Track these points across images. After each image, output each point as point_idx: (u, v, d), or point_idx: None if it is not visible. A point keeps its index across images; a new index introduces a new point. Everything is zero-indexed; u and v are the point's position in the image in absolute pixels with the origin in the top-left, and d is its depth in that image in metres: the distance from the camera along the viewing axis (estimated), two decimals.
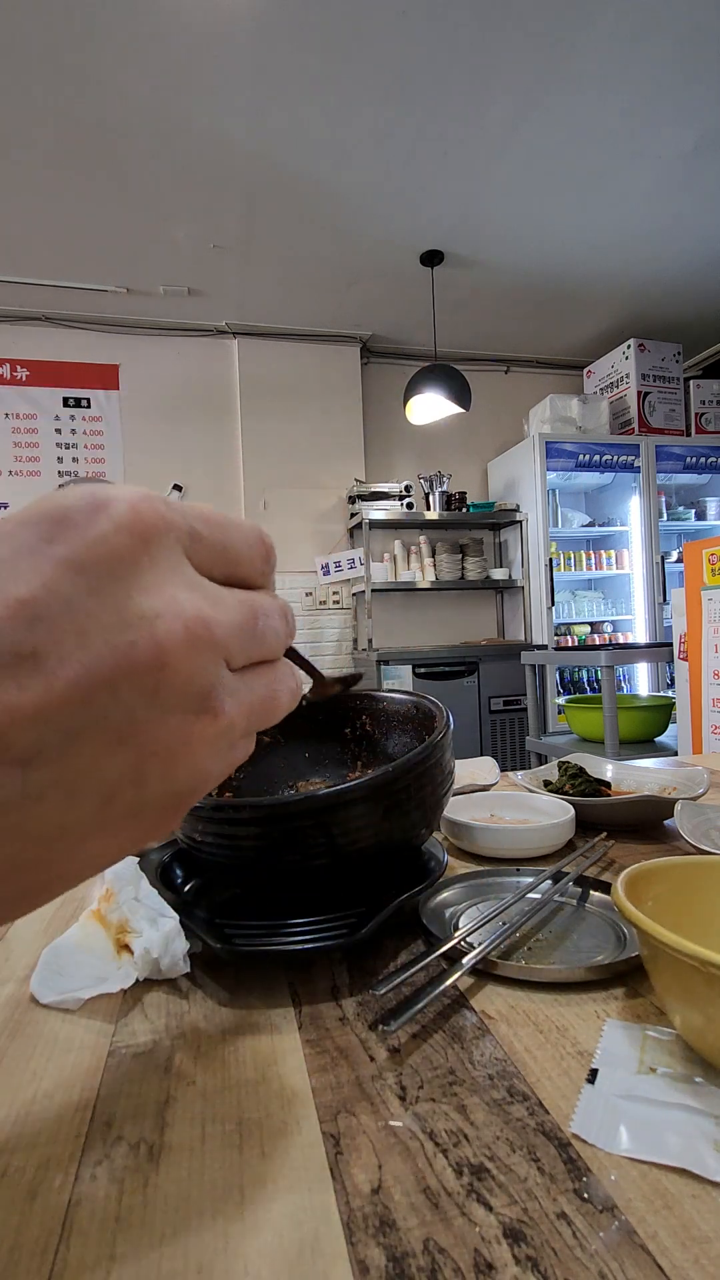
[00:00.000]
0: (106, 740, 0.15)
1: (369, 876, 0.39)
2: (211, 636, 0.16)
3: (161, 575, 0.16)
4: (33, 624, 0.14)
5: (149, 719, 0.15)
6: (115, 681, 0.14)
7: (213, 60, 2.01)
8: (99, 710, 0.14)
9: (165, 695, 0.15)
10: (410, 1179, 0.22)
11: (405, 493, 3.70)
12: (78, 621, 0.14)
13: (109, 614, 0.14)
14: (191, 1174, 0.23)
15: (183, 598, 0.16)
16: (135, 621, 0.15)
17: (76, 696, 0.14)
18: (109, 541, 0.15)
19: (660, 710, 2.07)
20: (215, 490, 3.72)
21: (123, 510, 0.15)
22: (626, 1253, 0.19)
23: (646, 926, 0.26)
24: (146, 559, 0.15)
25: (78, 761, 0.14)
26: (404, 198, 2.68)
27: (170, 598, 0.15)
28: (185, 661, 0.15)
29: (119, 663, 0.14)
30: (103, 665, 0.14)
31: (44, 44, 1.93)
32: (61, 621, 0.14)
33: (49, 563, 0.14)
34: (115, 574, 0.15)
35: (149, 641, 0.15)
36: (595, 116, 2.31)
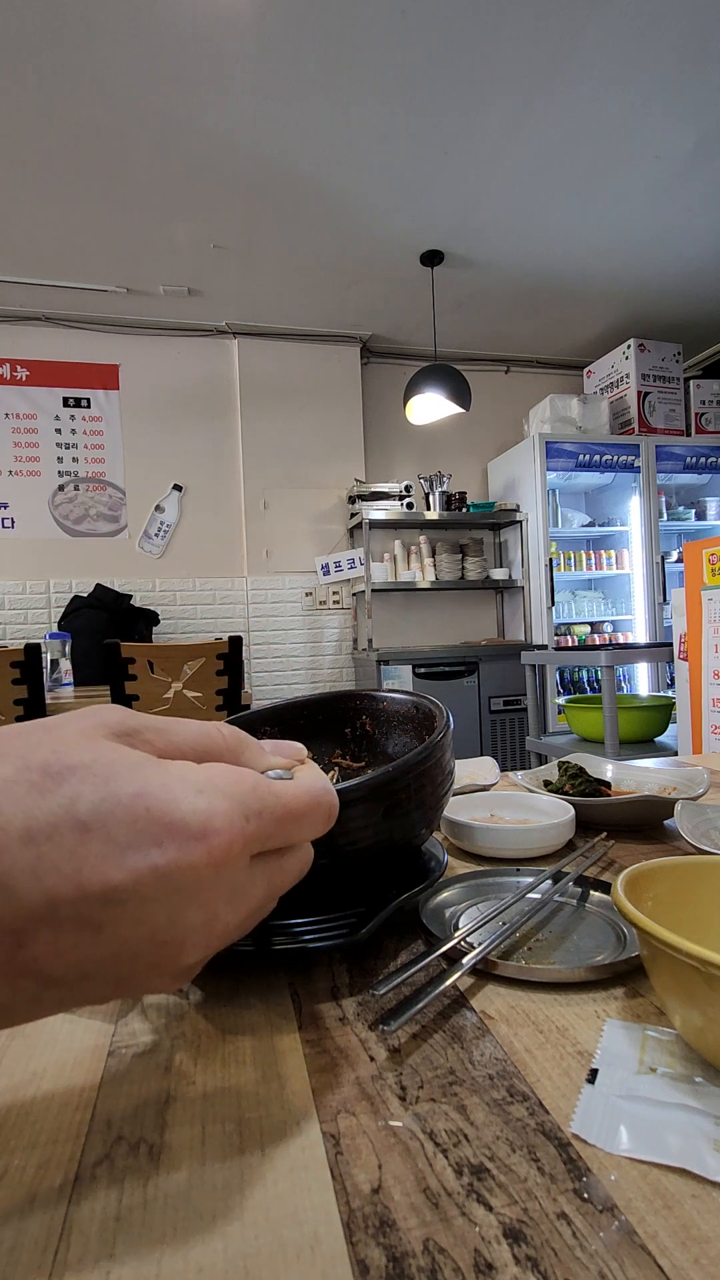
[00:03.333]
0: (107, 982, 0.19)
1: (369, 876, 0.39)
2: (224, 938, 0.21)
3: (214, 894, 0.20)
4: (109, 906, 0.18)
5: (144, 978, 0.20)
6: (140, 957, 0.19)
7: (213, 60, 2.01)
8: (118, 968, 0.19)
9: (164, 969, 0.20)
10: (410, 1179, 0.22)
11: (405, 493, 3.70)
12: (141, 915, 0.18)
13: (164, 917, 0.19)
14: (191, 1174, 0.23)
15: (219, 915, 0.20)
16: (180, 927, 0.19)
17: (109, 961, 0.18)
18: (194, 871, 0.19)
19: (660, 710, 2.07)
20: (215, 490, 3.72)
21: (219, 847, 0.19)
22: (626, 1253, 0.19)
23: (646, 926, 0.26)
24: (213, 883, 0.20)
25: (79, 990, 0.19)
26: (404, 198, 2.68)
27: (211, 915, 0.20)
28: (193, 959, 0.20)
29: (150, 950, 0.19)
30: (139, 948, 0.19)
31: (44, 44, 1.93)
32: (129, 911, 0.18)
33: (147, 865, 0.18)
34: (185, 891, 0.19)
35: (177, 944, 0.19)
36: (595, 116, 2.31)
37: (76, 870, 0.17)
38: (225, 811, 0.20)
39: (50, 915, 0.17)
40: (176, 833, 0.18)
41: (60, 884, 0.17)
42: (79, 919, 0.17)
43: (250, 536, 3.74)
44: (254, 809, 0.21)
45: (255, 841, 0.21)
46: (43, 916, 0.17)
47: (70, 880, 0.17)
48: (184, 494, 3.69)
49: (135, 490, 3.62)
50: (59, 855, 0.17)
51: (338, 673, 3.87)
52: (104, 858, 0.17)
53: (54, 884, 0.17)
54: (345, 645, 3.90)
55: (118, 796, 0.18)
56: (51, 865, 0.17)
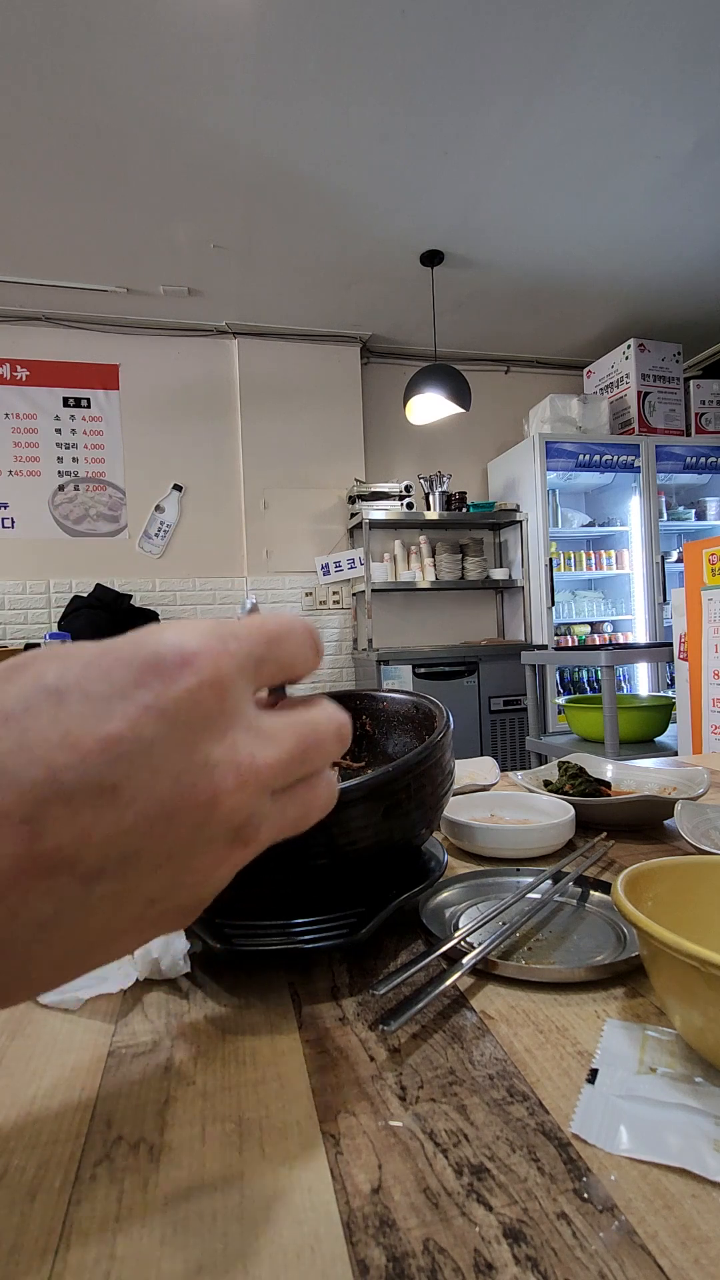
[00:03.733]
0: (156, 862, 0.17)
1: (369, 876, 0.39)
2: (259, 779, 0.18)
3: (228, 722, 0.18)
4: (115, 761, 0.16)
5: (193, 847, 0.17)
6: (174, 816, 0.17)
7: (213, 60, 2.01)
8: (156, 838, 0.17)
9: (211, 829, 0.17)
10: (410, 1179, 0.22)
11: (405, 493, 3.70)
12: (153, 763, 0.16)
13: (179, 758, 0.17)
14: (191, 1174, 0.23)
15: (241, 744, 0.18)
16: (199, 766, 0.17)
17: (142, 827, 0.16)
18: (194, 697, 0.17)
19: (660, 710, 2.07)
20: (215, 490, 3.72)
21: (206, 667, 0.18)
22: (626, 1253, 0.19)
23: (646, 926, 0.26)
24: (218, 709, 0.18)
25: (129, 879, 0.17)
26: (404, 198, 2.68)
27: (230, 745, 0.18)
28: (233, 802, 0.18)
29: (181, 802, 0.17)
30: (167, 803, 0.17)
31: (44, 44, 1.93)
32: (140, 761, 0.16)
33: (138, 707, 0.16)
34: (191, 724, 0.17)
35: (207, 785, 0.17)
36: (595, 116, 2.31)
37: (65, 732, 0.16)
38: (198, 638, 0.18)
39: (56, 790, 0.15)
40: (155, 669, 0.17)
41: (54, 751, 0.15)
42: (88, 785, 0.15)
43: (250, 536, 3.74)
44: (228, 633, 0.19)
45: (245, 662, 0.19)
46: (48, 794, 0.15)
47: (63, 743, 0.15)
48: (184, 494, 3.69)
49: (135, 490, 3.62)
50: (41, 726, 0.16)
51: (338, 673, 3.87)
52: (88, 714, 0.16)
53: (47, 753, 0.15)
54: (345, 645, 3.90)
55: (84, 658, 0.17)
56: (38, 737, 0.15)
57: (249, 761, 0.18)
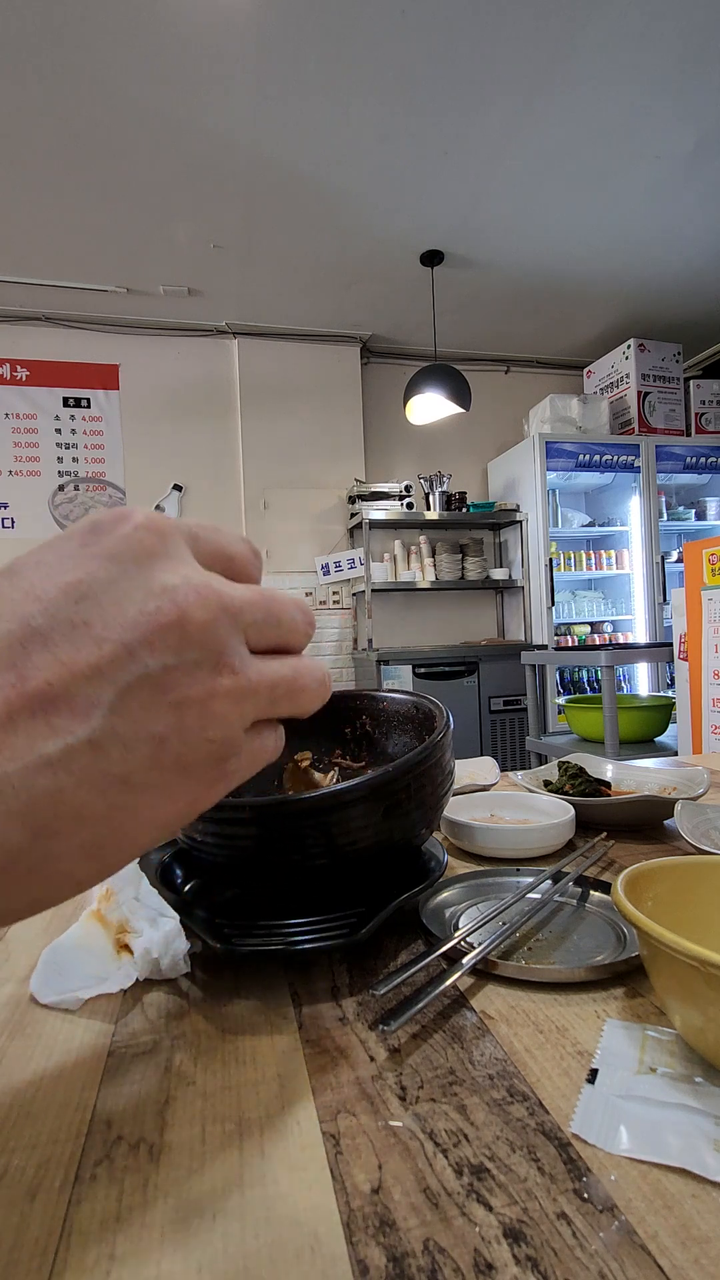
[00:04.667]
0: (149, 693, 0.17)
1: (369, 876, 0.39)
2: (220, 601, 0.19)
3: (175, 560, 0.19)
4: (80, 600, 0.17)
5: (179, 672, 0.18)
6: (149, 640, 0.17)
7: (213, 60, 2.01)
8: (139, 666, 0.17)
9: (187, 651, 0.18)
10: (410, 1179, 0.22)
11: (405, 493, 3.70)
12: (115, 596, 0.17)
13: (138, 589, 0.18)
14: (191, 1174, 0.23)
15: (194, 574, 0.19)
16: (159, 592, 0.18)
17: (121, 654, 0.17)
18: (133, 537, 0.18)
19: (660, 710, 2.07)
20: (215, 490, 3.72)
21: (141, 516, 0.19)
22: (626, 1253, 0.19)
23: (646, 926, 0.26)
24: (162, 549, 0.19)
25: (129, 713, 0.17)
26: (404, 198, 2.68)
27: (184, 575, 0.19)
28: (199, 619, 0.18)
29: (149, 624, 0.17)
30: (137, 627, 0.17)
31: (44, 44, 1.93)
32: (103, 597, 0.17)
33: (89, 557, 0.18)
34: (139, 560, 0.18)
35: (170, 605, 0.18)
36: (595, 116, 2.31)
37: (28, 588, 0.17)
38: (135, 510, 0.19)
39: (30, 633, 0.17)
40: (95, 529, 0.19)
41: (20, 604, 0.17)
42: (59, 623, 0.17)
43: (250, 536, 3.72)
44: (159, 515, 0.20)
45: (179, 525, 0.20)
46: (23, 637, 0.16)
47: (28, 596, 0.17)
48: (184, 494, 3.69)
49: (135, 490, 3.62)
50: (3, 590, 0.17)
51: (338, 673, 3.88)
52: (45, 575, 0.18)
53: (14, 607, 0.17)
54: (345, 645, 3.90)
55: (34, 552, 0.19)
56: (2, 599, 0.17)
57: (204, 583, 0.19)
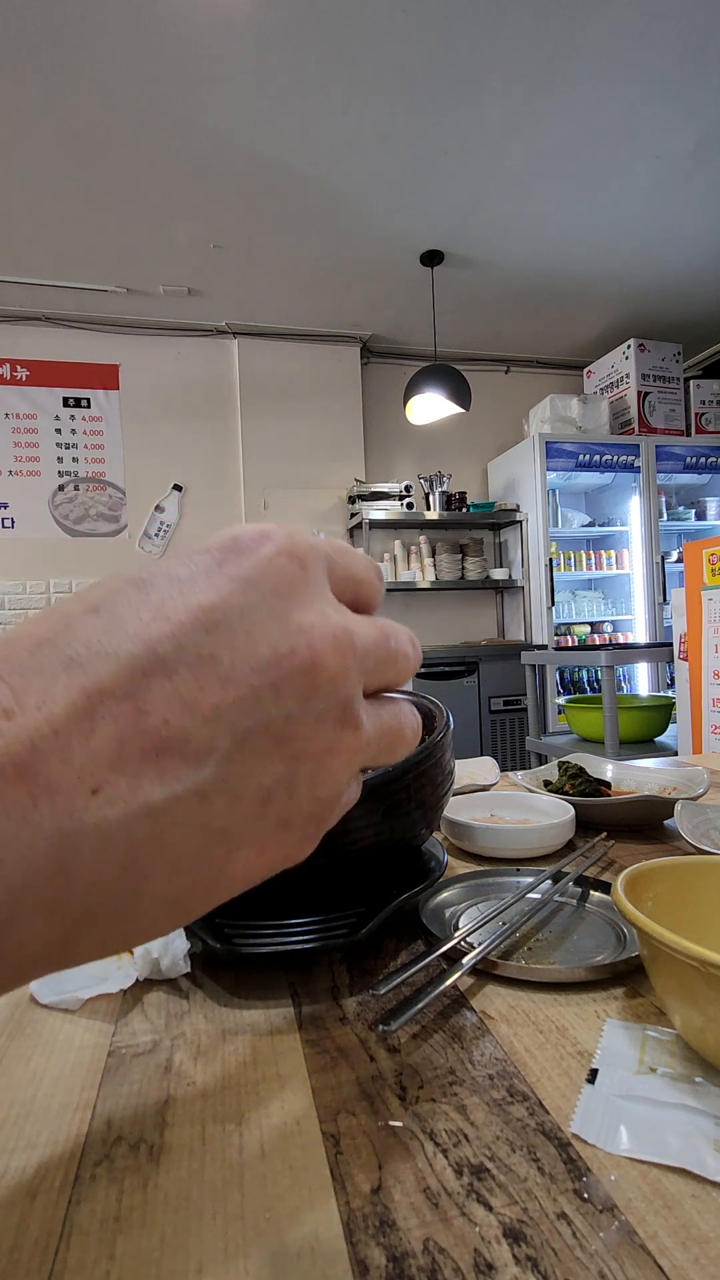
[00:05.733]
0: (268, 743, 0.16)
1: (369, 876, 0.39)
2: (353, 647, 0.18)
3: (313, 593, 0.18)
4: (212, 629, 0.16)
5: (303, 724, 0.17)
6: (279, 684, 0.16)
7: (213, 60, 2.01)
8: (264, 712, 0.16)
9: (316, 702, 0.17)
10: (410, 1179, 0.22)
11: (405, 493, 3.70)
12: (247, 628, 0.16)
13: (274, 624, 0.16)
14: (191, 1174, 0.23)
15: (330, 612, 0.18)
16: (295, 631, 0.17)
17: (247, 696, 0.16)
18: (274, 563, 0.17)
19: (660, 710, 2.07)
20: (215, 490, 3.72)
21: (283, 538, 0.18)
22: (626, 1253, 0.19)
23: (646, 926, 0.26)
24: (302, 579, 0.18)
25: (243, 763, 0.16)
26: (404, 198, 2.68)
27: (320, 612, 0.18)
28: (332, 668, 0.17)
29: (281, 667, 0.16)
30: (268, 670, 0.16)
31: (44, 44, 1.93)
32: (236, 628, 0.16)
33: (225, 579, 0.16)
34: (279, 590, 0.17)
35: (305, 648, 0.17)
36: (595, 116, 2.31)
37: (158, 607, 0.15)
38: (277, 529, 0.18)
39: (156, 661, 0.15)
40: (233, 547, 0.17)
41: (148, 625, 0.15)
42: (188, 654, 0.15)
43: None
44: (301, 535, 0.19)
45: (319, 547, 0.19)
46: (148, 666, 0.15)
47: (157, 617, 0.15)
48: (184, 494, 3.69)
49: (135, 490, 3.62)
50: (131, 607, 0.15)
51: None
52: (178, 592, 0.16)
53: (141, 628, 0.15)
54: None
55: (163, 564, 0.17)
56: (130, 615, 0.15)
57: (342, 625, 0.18)
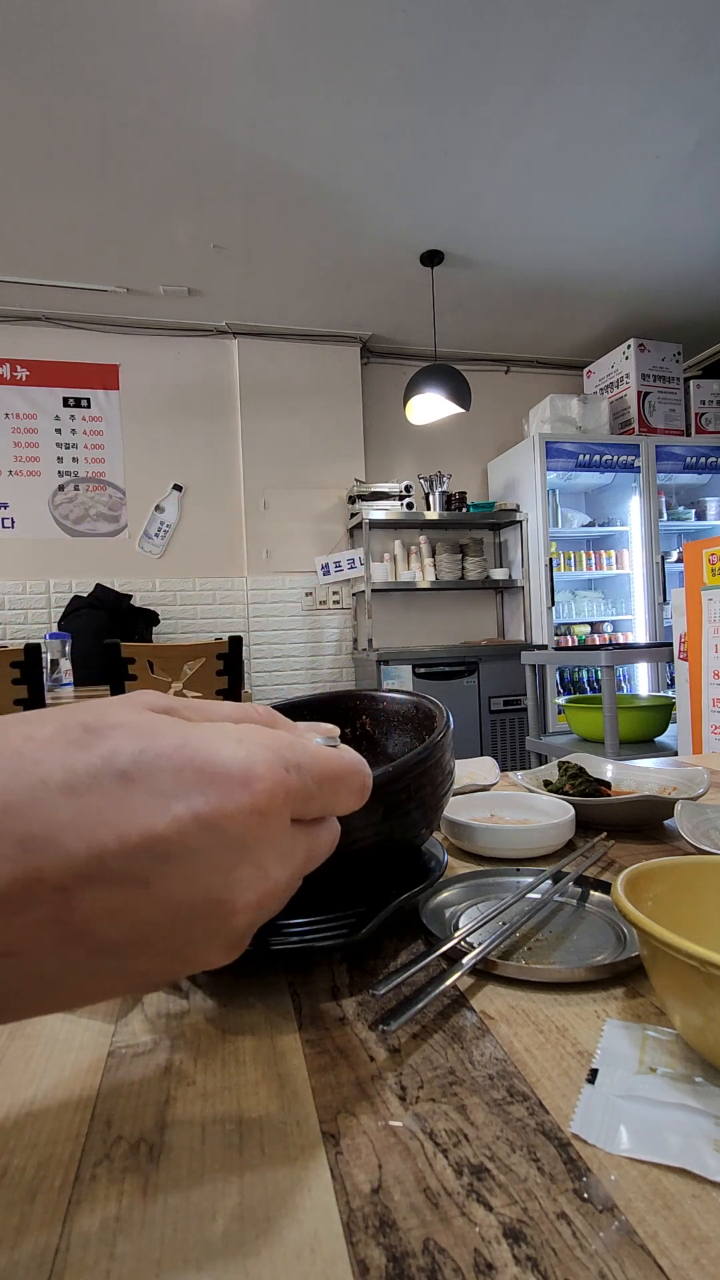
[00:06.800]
0: (162, 950, 0.18)
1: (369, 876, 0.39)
2: (272, 899, 0.20)
3: (264, 847, 0.19)
4: (156, 860, 0.17)
5: (199, 945, 0.19)
6: (193, 921, 0.18)
7: (213, 60, 2.01)
8: (171, 933, 0.18)
9: (221, 936, 0.19)
10: (410, 1179, 0.22)
11: (405, 493, 3.70)
12: (188, 870, 0.17)
13: (215, 874, 0.18)
14: (191, 1174, 0.23)
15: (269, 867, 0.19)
16: (231, 884, 0.18)
17: (163, 922, 0.17)
18: (240, 818, 0.18)
19: (660, 710, 2.07)
20: (215, 490, 3.72)
21: (262, 794, 0.19)
22: (626, 1253, 0.19)
23: (646, 926, 0.26)
24: (259, 833, 0.19)
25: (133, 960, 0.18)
26: (404, 198, 2.68)
27: (259, 868, 0.19)
28: (248, 918, 0.19)
29: (203, 910, 0.18)
30: (192, 908, 0.18)
31: (44, 44, 1.93)
32: (177, 865, 0.17)
33: (189, 813, 0.17)
34: (231, 843, 0.18)
35: (230, 901, 0.18)
36: (595, 116, 2.31)
37: (120, 821, 0.17)
38: (266, 760, 0.19)
39: (97, 870, 0.16)
40: (219, 779, 0.18)
41: (105, 835, 0.16)
42: (127, 874, 0.17)
43: (250, 536, 3.74)
44: (293, 761, 0.20)
45: (296, 796, 0.20)
46: (89, 872, 0.16)
47: (114, 831, 0.16)
48: (184, 494, 3.69)
49: (135, 490, 3.62)
50: (102, 806, 0.17)
51: (338, 673, 3.87)
52: (147, 808, 0.17)
53: (98, 836, 0.16)
54: (345, 645, 3.90)
55: (158, 748, 0.18)
56: (95, 817, 0.16)
57: (270, 886, 0.19)
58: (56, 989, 0.17)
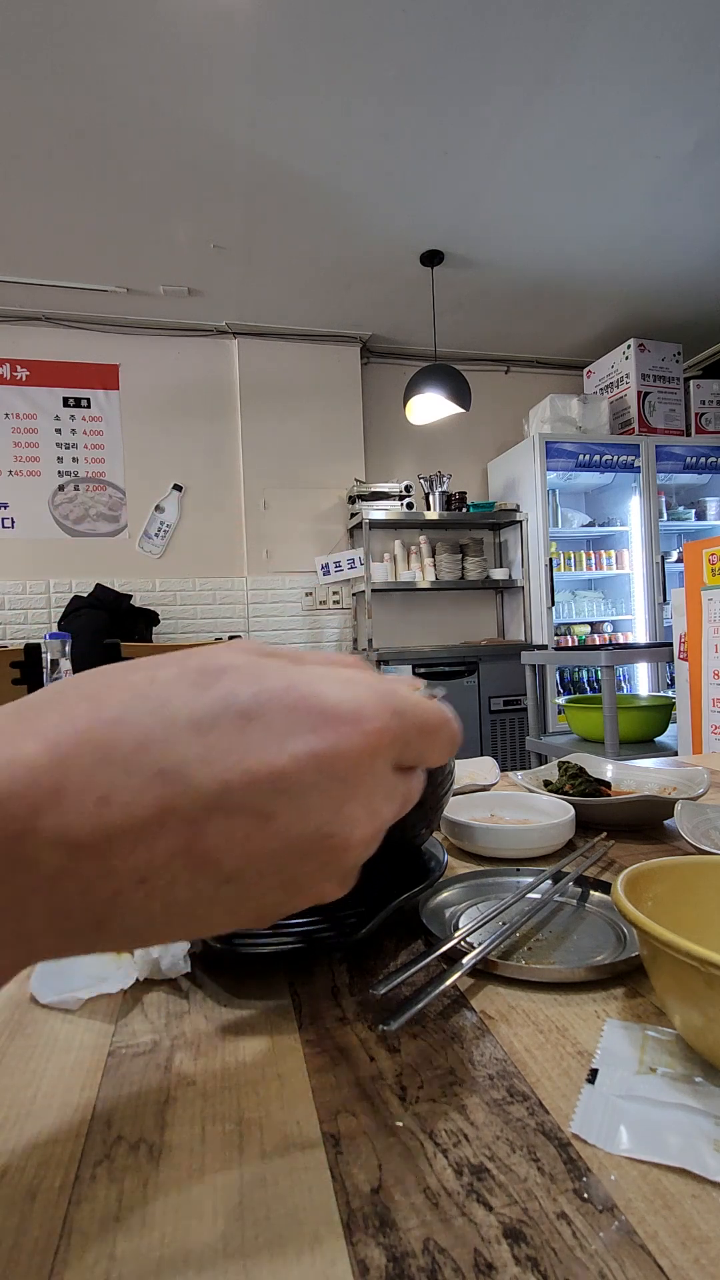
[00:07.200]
0: (276, 883, 0.19)
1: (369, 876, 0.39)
2: (377, 839, 0.21)
3: (371, 786, 0.20)
4: (277, 794, 0.18)
5: (311, 877, 0.20)
6: (309, 854, 0.19)
7: (213, 60, 2.01)
8: (288, 866, 0.19)
9: (331, 870, 0.20)
10: (410, 1179, 0.22)
11: (405, 493, 3.70)
12: (307, 805, 0.18)
13: (327, 808, 0.19)
14: (191, 1174, 0.23)
15: (377, 804, 0.20)
16: (342, 820, 0.19)
17: (281, 854, 0.18)
18: (350, 755, 0.19)
19: (660, 710, 2.07)
20: (215, 490, 3.72)
21: (372, 732, 0.19)
22: (626, 1253, 0.19)
23: (646, 926, 0.26)
24: (368, 772, 0.20)
25: (249, 890, 0.19)
26: (404, 198, 2.68)
27: (368, 804, 0.20)
28: (358, 854, 0.20)
29: (318, 845, 0.19)
30: (309, 842, 0.19)
31: (44, 43, 1.93)
32: (296, 800, 0.18)
33: (306, 750, 0.18)
34: (344, 779, 0.19)
35: (344, 837, 0.19)
36: (595, 116, 2.31)
37: (243, 757, 0.18)
38: (373, 702, 0.20)
39: (223, 802, 0.17)
40: (331, 719, 0.19)
41: (230, 771, 0.17)
42: (249, 807, 0.18)
43: (250, 536, 3.74)
44: (396, 707, 0.21)
45: (399, 740, 0.21)
46: (216, 804, 0.17)
47: (239, 766, 0.18)
48: (184, 494, 3.69)
49: (135, 490, 3.62)
50: (225, 743, 0.18)
51: None
52: (266, 745, 0.18)
53: (224, 771, 0.17)
54: (345, 645, 3.90)
55: (271, 689, 0.19)
56: (220, 753, 0.18)
57: (378, 822, 0.20)
58: (184, 916, 0.18)
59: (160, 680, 0.19)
